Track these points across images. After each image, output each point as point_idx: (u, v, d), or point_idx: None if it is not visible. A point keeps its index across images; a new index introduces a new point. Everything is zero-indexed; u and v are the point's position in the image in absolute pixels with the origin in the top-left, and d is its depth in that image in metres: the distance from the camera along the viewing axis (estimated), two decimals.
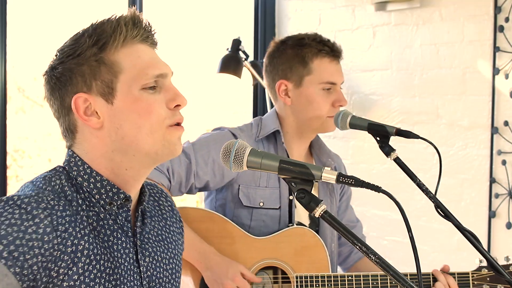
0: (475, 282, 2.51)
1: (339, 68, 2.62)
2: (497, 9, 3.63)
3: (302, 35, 2.65)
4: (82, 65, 1.51)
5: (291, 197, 2.59)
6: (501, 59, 3.64)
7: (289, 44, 2.62)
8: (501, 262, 2.58)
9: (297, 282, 2.48)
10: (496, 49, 3.64)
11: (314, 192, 2.61)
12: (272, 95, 2.67)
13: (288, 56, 2.61)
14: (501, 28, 3.62)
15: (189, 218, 2.49)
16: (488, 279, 2.50)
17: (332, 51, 2.59)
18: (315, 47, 2.58)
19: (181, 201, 6.23)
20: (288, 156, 2.59)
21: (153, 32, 1.58)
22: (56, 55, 1.55)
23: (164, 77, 1.55)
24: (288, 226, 2.59)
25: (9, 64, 3.68)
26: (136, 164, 1.55)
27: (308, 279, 2.48)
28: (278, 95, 2.63)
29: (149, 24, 1.57)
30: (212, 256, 2.44)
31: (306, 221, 2.66)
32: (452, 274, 2.52)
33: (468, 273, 2.52)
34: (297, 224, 2.62)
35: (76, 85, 1.51)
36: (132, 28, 1.53)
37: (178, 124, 1.56)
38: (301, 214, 2.63)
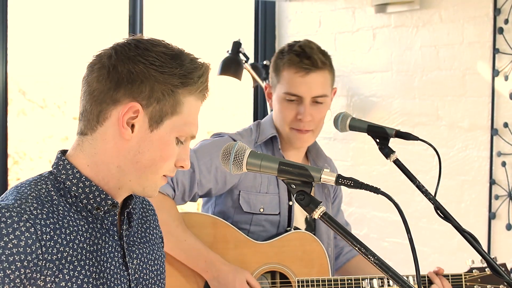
0: (468, 284, 2.55)
1: (309, 81, 2.54)
2: (497, 11, 3.64)
3: (291, 43, 2.64)
4: (159, 83, 1.52)
5: (290, 203, 2.60)
6: (500, 61, 3.64)
7: (278, 51, 2.66)
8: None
9: (298, 286, 2.48)
10: (495, 50, 3.65)
11: None
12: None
13: (272, 64, 2.65)
14: (501, 30, 3.62)
15: (191, 223, 2.49)
16: (479, 280, 2.54)
17: (300, 62, 2.54)
18: (287, 57, 2.57)
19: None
20: None
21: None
22: (136, 50, 1.53)
23: (192, 138, 1.61)
24: (287, 231, 2.59)
25: (10, 66, 3.68)
26: (127, 187, 1.58)
27: (310, 283, 2.48)
28: (266, 97, 2.71)
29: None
30: (219, 265, 2.44)
31: (302, 226, 2.66)
32: (446, 276, 2.55)
33: (461, 275, 2.56)
34: (294, 229, 2.62)
35: (140, 92, 1.51)
36: (206, 87, 1.59)
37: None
38: (297, 218, 2.64)
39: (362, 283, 2.48)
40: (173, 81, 1.52)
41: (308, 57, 2.54)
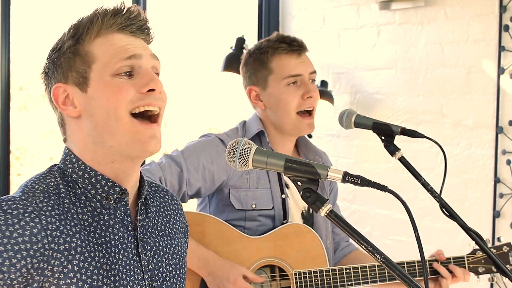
0: (471, 266, 2.56)
1: (302, 60, 2.62)
2: (502, 8, 3.62)
3: (263, 40, 2.70)
4: (60, 58, 1.57)
5: (283, 196, 2.60)
6: (506, 59, 3.62)
7: (251, 52, 2.68)
8: (495, 243, 2.61)
9: (296, 278, 2.48)
10: (501, 48, 3.63)
11: None
12: (250, 103, 2.71)
13: (251, 63, 2.65)
14: (506, 28, 3.60)
15: None
16: (483, 261, 2.55)
17: (289, 46, 2.61)
18: (272, 47, 2.62)
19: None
20: None
21: (139, 21, 1.59)
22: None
23: (139, 59, 1.56)
24: (283, 223, 2.59)
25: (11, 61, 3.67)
26: (118, 157, 1.56)
27: (307, 275, 2.48)
28: (251, 102, 2.67)
29: (137, 14, 1.59)
30: (213, 261, 2.45)
31: (299, 220, 2.66)
32: (448, 259, 2.57)
33: (463, 257, 2.57)
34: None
35: (56, 77, 1.57)
36: (109, 19, 1.56)
37: (149, 117, 1.55)
38: (293, 214, 2.65)
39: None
40: (68, 45, 1.56)
41: (293, 40, 2.64)
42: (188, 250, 2.43)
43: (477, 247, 2.54)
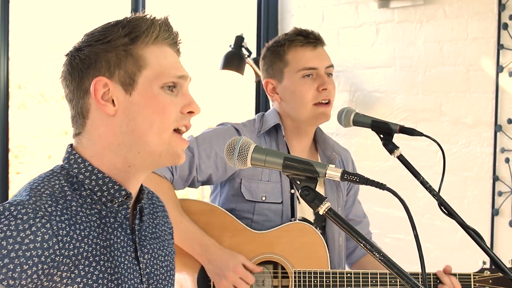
0: (477, 284, 2.48)
1: (319, 53, 2.64)
2: (501, 7, 3.62)
3: (281, 35, 2.70)
4: (110, 52, 1.52)
5: (292, 191, 2.60)
6: (505, 57, 3.62)
7: (269, 46, 2.69)
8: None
9: (295, 277, 2.48)
10: (500, 46, 3.63)
11: (320, 186, 2.62)
12: (268, 96, 2.72)
13: (268, 56, 2.67)
14: (505, 26, 3.61)
15: (190, 210, 2.50)
16: (490, 281, 2.47)
17: (306, 38, 2.62)
18: (288, 40, 2.63)
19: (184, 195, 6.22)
20: (289, 151, 2.61)
21: (179, 42, 1.62)
22: (83, 38, 1.57)
23: (184, 80, 1.58)
24: (290, 221, 2.58)
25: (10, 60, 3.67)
26: (139, 162, 1.55)
27: (307, 275, 2.48)
28: (268, 95, 2.68)
29: (177, 33, 1.61)
30: (214, 249, 2.46)
31: (311, 217, 2.66)
32: (454, 275, 2.50)
33: (469, 275, 2.50)
34: (300, 220, 2.62)
35: (99, 69, 1.53)
36: (165, 30, 1.57)
37: (185, 129, 1.58)
38: (305, 209, 2.63)
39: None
40: (122, 42, 1.53)
41: (310, 33, 2.65)
42: (190, 235, 2.45)
43: (485, 266, 2.48)
